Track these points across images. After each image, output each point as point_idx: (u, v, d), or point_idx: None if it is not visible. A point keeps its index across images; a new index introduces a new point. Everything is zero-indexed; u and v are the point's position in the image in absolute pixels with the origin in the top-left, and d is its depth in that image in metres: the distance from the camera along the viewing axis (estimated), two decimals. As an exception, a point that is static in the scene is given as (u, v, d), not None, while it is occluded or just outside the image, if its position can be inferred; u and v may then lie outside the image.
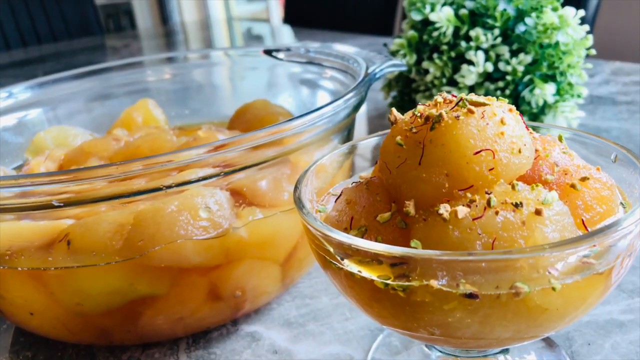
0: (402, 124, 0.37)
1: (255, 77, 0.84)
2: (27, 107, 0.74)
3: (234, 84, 0.88)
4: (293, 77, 0.77)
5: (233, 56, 0.84)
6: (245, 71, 0.85)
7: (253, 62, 0.83)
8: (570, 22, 0.70)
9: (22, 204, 0.41)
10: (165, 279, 0.46)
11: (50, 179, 0.39)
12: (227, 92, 0.89)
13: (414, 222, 0.34)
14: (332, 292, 0.57)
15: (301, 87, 0.77)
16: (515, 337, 0.34)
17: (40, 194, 0.40)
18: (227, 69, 0.86)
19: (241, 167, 0.45)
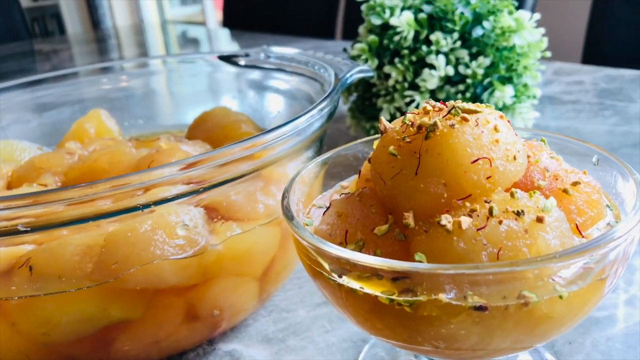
0: (393, 134, 0.36)
1: (203, 83, 0.82)
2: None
3: (182, 92, 0.85)
4: (251, 84, 0.75)
5: (181, 63, 0.81)
6: (193, 78, 0.82)
7: (200, 68, 0.80)
8: (525, 25, 0.71)
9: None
10: (140, 301, 0.44)
11: (19, 202, 0.35)
12: (177, 100, 0.86)
13: (414, 234, 0.33)
14: (309, 304, 0.55)
15: (260, 93, 0.75)
16: (515, 346, 0.34)
17: (5, 219, 0.36)
18: (178, 76, 0.83)
19: (217, 183, 0.43)
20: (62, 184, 0.59)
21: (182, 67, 0.80)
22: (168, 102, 0.83)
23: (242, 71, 0.74)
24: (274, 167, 0.49)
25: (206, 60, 0.78)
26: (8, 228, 0.37)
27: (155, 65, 0.81)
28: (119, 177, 0.38)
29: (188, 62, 0.80)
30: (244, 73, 0.74)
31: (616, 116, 0.93)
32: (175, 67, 0.81)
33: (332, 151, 0.45)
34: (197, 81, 0.80)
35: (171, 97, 0.84)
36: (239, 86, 0.76)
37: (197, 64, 0.79)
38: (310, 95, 0.64)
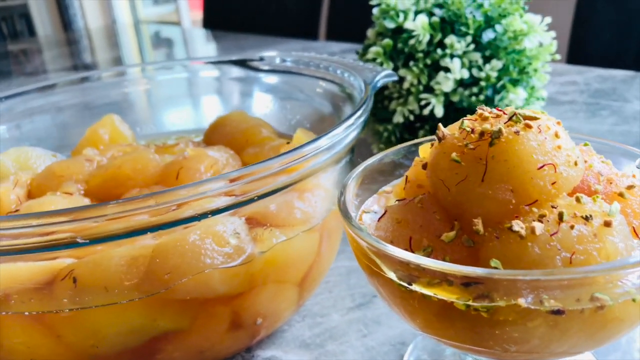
0: (452, 140, 0.36)
1: (210, 88, 0.81)
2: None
3: (188, 97, 0.84)
4: (265, 88, 0.75)
5: (188, 67, 0.81)
6: (200, 82, 0.82)
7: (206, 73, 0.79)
8: (537, 29, 0.73)
9: (37, 243, 0.37)
10: (188, 311, 0.43)
11: (82, 214, 0.35)
12: (183, 105, 0.85)
13: (484, 240, 0.33)
14: (341, 308, 0.56)
15: (274, 97, 0.75)
16: (580, 348, 0.35)
17: (64, 232, 0.36)
18: (185, 81, 0.82)
19: (262, 194, 0.42)
20: (84, 191, 0.59)
21: (187, 72, 0.79)
22: (173, 108, 0.82)
23: (254, 75, 0.74)
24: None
25: (214, 64, 0.78)
26: (67, 240, 0.36)
27: (159, 71, 0.80)
28: (172, 190, 0.37)
29: (193, 67, 0.79)
30: (256, 77, 0.74)
31: (614, 116, 0.95)
32: (179, 72, 0.80)
33: (379, 155, 0.45)
34: (204, 85, 0.80)
35: (176, 102, 0.83)
36: (250, 90, 0.76)
37: (202, 69, 0.79)
38: (331, 99, 0.65)
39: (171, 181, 0.55)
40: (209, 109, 0.78)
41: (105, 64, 2.00)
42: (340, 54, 1.64)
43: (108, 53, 2.28)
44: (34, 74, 1.85)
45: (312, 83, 0.67)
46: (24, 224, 0.35)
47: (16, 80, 1.80)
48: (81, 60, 2.17)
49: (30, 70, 1.91)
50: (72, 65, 1.97)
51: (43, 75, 1.80)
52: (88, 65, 2.00)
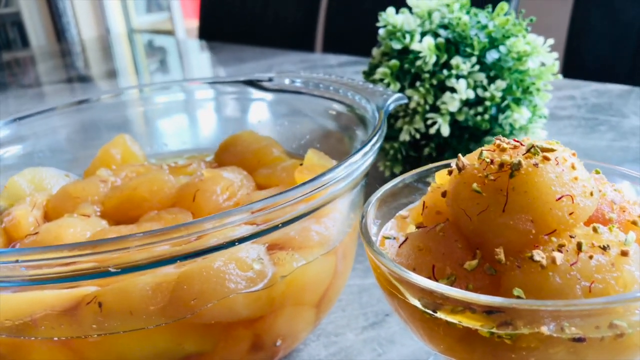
0: (472, 170, 0.38)
1: (224, 108, 0.82)
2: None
3: (199, 116, 0.84)
4: (274, 109, 0.76)
5: (195, 87, 0.81)
6: (209, 102, 0.82)
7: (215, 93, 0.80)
8: (539, 50, 0.74)
9: (64, 272, 0.38)
10: (212, 334, 0.44)
11: (109, 246, 0.36)
12: (190, 124, 0.85)
13: (506, 269, 0.35)
14: (355, 327, 0.57)
15: (282, 118, 0.76)
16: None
17: (92, 261, 0.37)
18: (193, 100, 0.83)
19: (285, 222, 0.43)
20: (101, 213, 0.60)
21: (194, 91, 0.80)
22: (180, 127, 0.83)
23: (263, 95, 0.75)
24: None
25: (223, 84, 0.79)
26: (100, 269, 0.37)
27: (165, 90, 0.81)
28: (199, 222, 0.38)
29: (200, 87, 0.80)
30: (265, 97, 0.75)
31: (612, 131, 0.97)
32: (184, 91, 0.81)
33: (395, 180, 0.47)
34: (214, 105, 0.81)
35: (183, 121, 0.84)
36: (260, 110, 0.77)
37: (211, 88, 0.80)
38: (341, 120, 0.66)
39: (187, 203, 0.57)
40: (218, 129, 0.79)
41: (101, 77, 2.00)
42: (339, 67, 1.66)
43: (103, 65, 2.28)
44: (30, 86, 1.86)
45: (321, 104, 0.69)
46: (55, 256, 0.36)
47: (14, 92, 1.81)
48: (76, 71, 2.18)
49: (27, 83, 1.91)
50: (67, 78, 1.97)
51: (38, 89, 1.80)
52: (83, 78, 2.00)
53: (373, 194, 0.45)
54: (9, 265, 0.35)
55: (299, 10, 2.15)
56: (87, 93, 1.70)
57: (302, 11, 2.15)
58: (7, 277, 0.36)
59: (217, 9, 2.50)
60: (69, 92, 1.74)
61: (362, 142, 0.58)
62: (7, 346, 0.44)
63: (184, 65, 2.18)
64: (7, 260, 0.35)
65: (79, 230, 0.54)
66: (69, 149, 0.76)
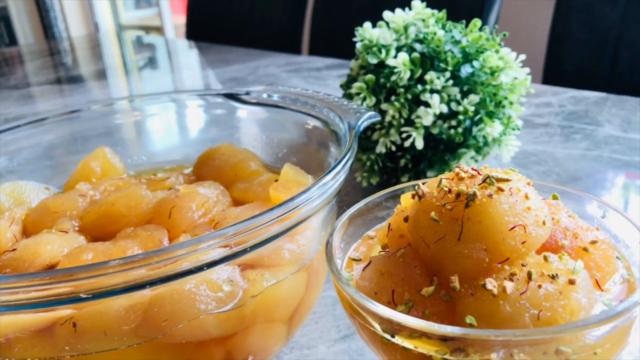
0: (431, 199, 0.39)
1: (199, 120, 0.83)
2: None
3: (179, 128, 0.85)
4: (251, 122, 0.77)
5: (175, 98, 0.82)
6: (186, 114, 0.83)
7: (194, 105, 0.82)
8: (512, 65, 0.76)
9: (39, 298, 0.39)
10: (184, 353, 0.46)
11: (84, 273, 0.37)
12: (170, 136, 0.86)
13: (461, 296, 0.36)
14: (327, 339, 0.58)
15: (259, 131, 0.77)
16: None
17: (67, 287, 0.38)
18: (173, 112, 0.84)
19: (258, 243, 0.44)
20: (79, 227, 0.61)
21: (174, 103, 0.81)
22: (160, 138, 0.84)
23: (241, 108, 0.77)
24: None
25: (201, 96, 0.80)
26: (73, 295, 0.38)
27: (146, 101, 0.82)
28: (172, 248, 0.39)
29: (180, 98, 0.81)
30: (244, 110, 0.77)
31: (586, 140, 0.99)
32: (166, 102, 0.82)
33: (363, 202, 0.48)
34: (191, 117, 0.82)
35: (163, 133, 0.84)
36: (238, 123, 0.79)
37: (189, 99, 0.81)
38: (316, 135, 0.67)
39: (164, 219, 0.58)
40: (197, 140, 0.80)
41: (90, 76, 2.00)
42: (325, 69, 1.67)
43: (91, 65, 2.28)
44: (18, 87, 1.85)
45: (298, 118, 0.70)
46: (28, 284, 0.37)
47: (1, 93, 1.81)
48: (65, 70, 2.17)
49: (14, 83, 1.91)
50: (56, 78, 1.97)
51: (26, 90, 1.80)
52: (72, 78, 2.00)
53: (339, 218, 0.46)
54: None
55: (285, 13, 2.16)
56: (75, 94, 1.70)
57: (288, 13, 2.16)
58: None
59: (203, 9, 2.50)
60: (57, 93, 1.74)
61: (335, 159, 0.60)
62: (-18, 366, 0.45)
63: (173, 65, 2.19)
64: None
65: (57, 247, 0.55)
66: (50, 160, 0.77)
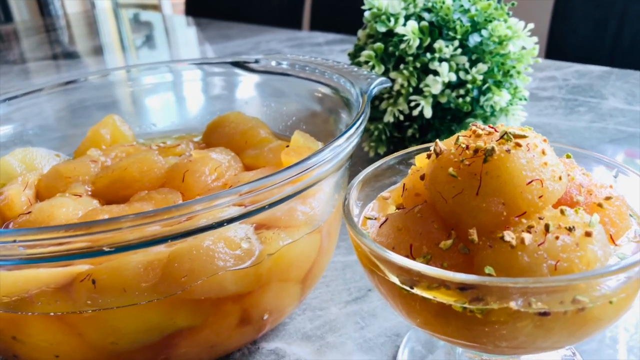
0: (449, 155, 0.40)
1: (211, 88, 0.83)
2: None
3: (184, 97, 0.85)
4: (260, 90, 0.77)
5: (181, 67, 0.82)
6: (197, 83, 0.84)
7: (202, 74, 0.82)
8: (520, 34, 0.76)
9: (63, 251, 0.39)
10: (202, 309, 0.46)
11: (108, 226, 0.38)
12: (177, 105, 0.86)
13: (479, 248, 0.37)
14: (338, 302, 0.59)
15: (267, 99, 0.78)
16: (561, 344, 0.39)
17: (90, 241, 0.39)
18: (179, 82, 0.84)
19: (271, 203, 0.45)
20: (92, 192, 0.61)
21: (180, 72, 0.81)
22: (166, 108, 0.84)
23: (250, 76, 0.77)
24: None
25: (209, 65, 0.80)
26: (94, 249, 0.39)
27: (151, 71, 0.81)
28: (191, 203, 0.40)
29: (186, 67, 0.81)
30: (252, 78, 0.77)
31: (590, 112, 1.00)
32: (169, 71, 0.82)
33: (377, 163, 0.49)
34: (202, 86, 0.82)
35: (170, 102, 0.85)
36: (247, 91, 0.79)
37: (197, 69, 0.81)
38: (327, 102, 0.68)
39: (177, 183, 0.58)
40: (205, 109, 0.80)
41: (87, 53, 1.99)
42: (326, 45, 1.66)
43: (88, 41, 2.26)
44: (15, 63, 1.84)
45: (307, 86, 0.70)
46: (51, 236, 0.38)
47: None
48: (61, 47, 2.16)
49: (12, 59, 1.90)
50: (52, 54, 1.96)
51: (23, 65, 1.79)
52: (69, 54, 1.99)
53: (355, 177, 0.47)
54: (7, 245, 0.37)
55: (286, -13, 2.15)
56: (73, 70, 1.69)
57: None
58: (5, 256, 0.38)
59: (203, -16, 2.48)
60: (54, 69, 1.73)
61: (346, 125, 0.60)
62: (4, 321, 0.45)
63: (170, 41, 2.17)
64: (5, 241, 0.37)
65: (71, 209, 0.55)
66: (57, 129, 0.77)
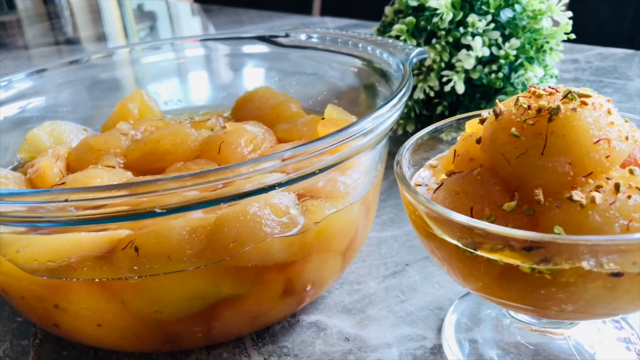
0: (510, 116, 0.39)
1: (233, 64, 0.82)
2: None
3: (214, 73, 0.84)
4: (288, 65, 0.76)
5: (209, 43, 0.81)
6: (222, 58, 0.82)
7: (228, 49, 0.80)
8: (554, 9, 0.75)
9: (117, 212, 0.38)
10: (248, 278, 0.45)
11: (161, 185, 0.37)
12: (204, 81, 0.85)
13: (545, 209, 0.36)
14: (376, 276, 0.58)
15: (294, 74, 0.76)
16: (629, 309, 0.38)
17: (142, 203, 0.37)
18: (207, 57, 0.83)
19: (313, 172, 0.43)
20: (123, 165, 0.60)
21: (211, 48, 0.80)
22: (193, 84, 0.83)
23: (278, 51, 0.75)
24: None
25: (236, 40, 0.79)
26: (147, 210, 0.38)
27: (175, 46, 0.80)
28: (237, 165, 0.38)
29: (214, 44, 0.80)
30: (281, 53, 0.76)
31: (617, 93, 0.98)
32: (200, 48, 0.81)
33: (428, 129, 0.47)
34: (228, 62, 0.81)
35: (197, 78, 0.83)
36: (275, 66, 0.77)
37: (226, 45, 0.80)
38: (360, 76, 0.66)
39: (212, 155, 0.57)
40: (233, 85, 0.79)
41: (89, 41, 1.97)
42: (340, 30, 1.65)
43: (91, 29, 2.24)
44: (22, 48, 1.83)
45: (339, 59, 0.69)
46: (107, 195, 0.37)
47: (10, 54, 1.78)
48: (65, 37, 2.14)
49: (22, 44, 1.89)
50: (55, 41, 1.94)
51: (25, 52, 1.78)
52: (71, 40, 1.97)
53: (405, 143, 0.46)
54: (58, 205, 0.36)
55: (297, -27, 2.13)
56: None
57: (300, -26, 2.13)
58: (55, 217, 0.37)
59: (212, -29, 2.46)
60: (57, 56, 1.72)
61: (384, 98, 0.59)
62: (47, 288, 0.44)
63: (175, 29, 2.15)
64: (56, 200, 0.36)
65: (106, 180, 0.54)
66: (79, 105, 0.76)
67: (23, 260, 0.43)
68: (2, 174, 0.56)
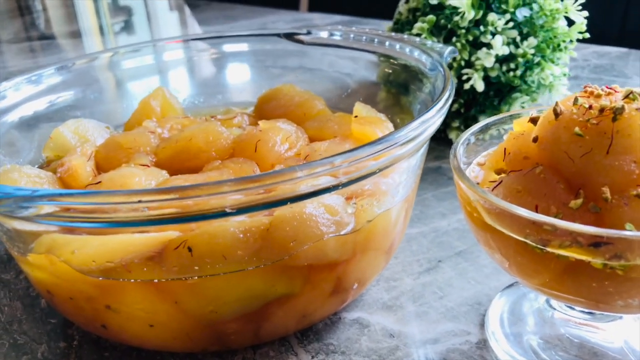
0: (571, 115, 0.40)
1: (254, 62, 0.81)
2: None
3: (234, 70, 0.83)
4: (308, 63, 0.76)
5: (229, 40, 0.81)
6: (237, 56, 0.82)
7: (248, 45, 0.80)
8: (570, 8, 0.76)
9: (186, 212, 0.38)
10: (302, 277, 0.46)
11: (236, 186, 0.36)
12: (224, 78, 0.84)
13: (612, 207, 0.37)
14: (411, 272, 0.59)
15: (315, 72, 0.76)
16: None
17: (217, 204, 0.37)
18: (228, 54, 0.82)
19: (362, 176, 0.43)
20: (155, 164, 0.59)
21: (229, 44, 0.80)
22: (211, 81, 0.82)
23: (300, 49, 0.75)
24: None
25: (257, 37, 0.78)
26: (218, 210, 0.37)
27: (196, 43, 0.80)
28: (296, 168, 0.38)
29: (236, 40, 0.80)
30: (303, 51, 0.75)
31: (619, 91, 1.01)
32: (218, 44, 0.80)
33: (480, 124, 0.48)
34: (247, 59, 0.80)
35: (215, 75, 0.83)
36: (297, 64, 0.77)
37: (245, 42, 0.79)
38: (385, 74, 0.67)
39: (249, 153, 0.57)
40: (253, 83, 0.79)
41: (64, 37, 1.92)
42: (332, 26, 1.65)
43: (66, 25, 2.18)
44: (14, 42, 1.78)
45: (364, 57, 0.69)
46: (178, 196, 0.36)
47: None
48: (38, 33, 2.09)
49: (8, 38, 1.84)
50: (27, 37, 1.90)
51: (24, 44, 1.73)
52: (46, 37, 1.93)
53: (460, 136, 0.46)
54: (132, 205, 0.36)
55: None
56: (50, 55, 1.63)
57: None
58: (128, 217, 0.36)
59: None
60: (29, 53, 1.67)
61: (415, 97, 0.60)
62: (100, 289, 0.44)
63: (152, 25, 2.12)
64: (130, 201, 0.36)
65: (144, 179, 0.53)
66: (97, 102, 0.75)
67: (79, 261, 0.42)
68: (34, 173, 0.55)
